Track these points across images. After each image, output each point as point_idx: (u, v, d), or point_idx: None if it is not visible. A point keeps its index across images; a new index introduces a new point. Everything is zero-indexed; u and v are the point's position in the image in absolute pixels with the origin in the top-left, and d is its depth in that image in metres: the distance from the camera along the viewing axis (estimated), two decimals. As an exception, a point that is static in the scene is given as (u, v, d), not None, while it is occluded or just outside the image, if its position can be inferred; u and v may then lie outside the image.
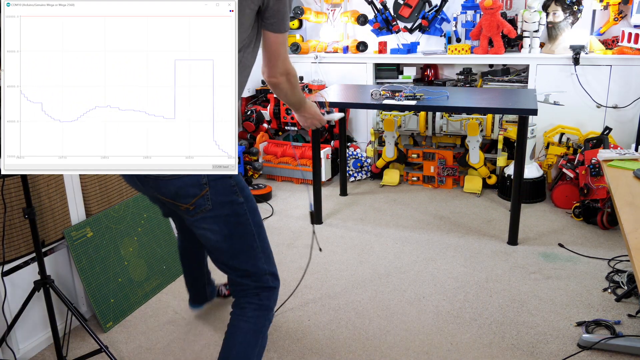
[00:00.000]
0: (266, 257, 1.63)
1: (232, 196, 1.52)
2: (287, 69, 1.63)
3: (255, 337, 1.62)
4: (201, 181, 1.45)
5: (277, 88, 1.69)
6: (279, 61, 1.59)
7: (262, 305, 1.64)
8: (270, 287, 1.65)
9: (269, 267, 1.65)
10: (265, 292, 1.65)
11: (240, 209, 1.54)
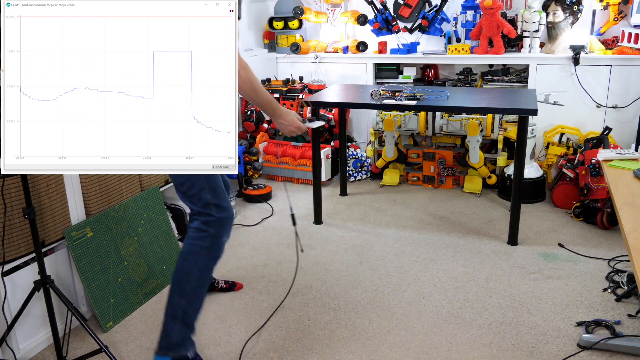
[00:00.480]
0: (211, 190, 1.86)
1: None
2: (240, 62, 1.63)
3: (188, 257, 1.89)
4: None
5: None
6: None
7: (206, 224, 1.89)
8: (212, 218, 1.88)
9: (213, 199, 1.87)
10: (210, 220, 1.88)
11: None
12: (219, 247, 1.92)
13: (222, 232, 1.91)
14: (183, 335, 1.88)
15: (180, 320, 1.86)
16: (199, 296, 1.91)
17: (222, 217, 1.90)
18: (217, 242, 1.91)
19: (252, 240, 3.15)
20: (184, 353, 1.89)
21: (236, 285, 2.61)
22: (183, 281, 1.89)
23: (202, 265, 1.89)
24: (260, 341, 2.21)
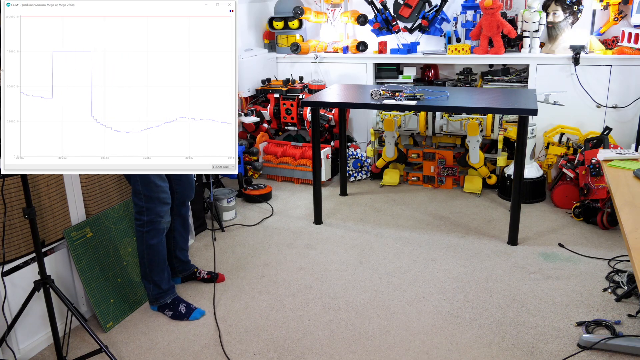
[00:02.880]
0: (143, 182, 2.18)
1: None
2: None
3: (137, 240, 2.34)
4: None
5: None
6: None
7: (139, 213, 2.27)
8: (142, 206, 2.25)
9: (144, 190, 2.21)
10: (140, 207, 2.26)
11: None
12: (158, 227, 2.29)
13: (155, 217, 2.26)
14: (156, 291, 2.39)
15: (150, 281, 2.38)
16: (156, 265, 2.35)
17: (150, 206, 2.24)
18: (155, 225, 2.28)
19: (252, 240, 3.15)
20: (165, 301, 2.40)
21: (218, 276, 2.69)
22: (140, 254, 2.36)
23: (147, 245, 2.31)
24: (260, 341, 2.21)
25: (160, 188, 2.24)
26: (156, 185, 2.22)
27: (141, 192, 2.21)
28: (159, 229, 2.30)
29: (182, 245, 2.64)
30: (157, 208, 2.26)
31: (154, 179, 2.19)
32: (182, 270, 2.67)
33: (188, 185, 2.53)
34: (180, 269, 2.66)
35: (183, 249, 2.64)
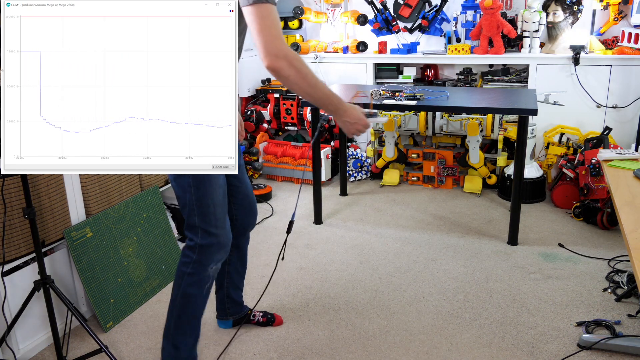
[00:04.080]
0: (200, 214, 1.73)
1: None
2: (280, 51, 1.42)
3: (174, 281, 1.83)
4: None
5: (282, 77, 1.47)
6: (263, 40, 1.40)
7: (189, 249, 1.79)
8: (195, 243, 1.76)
9: (201, 224, 1.74)
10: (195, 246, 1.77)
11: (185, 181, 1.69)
12: (203, 276, 1.78)
13: (206, 259, 1.77)
14: (172, 355, 1.86)
15: (171, 342, 1.85)
16: (185, 323, 1.83)
17: (205, 244, 1.75)
18: (201, 271, 1.77)
19: (252, 240, 3.15)
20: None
21: (275, 319, 2.31)
22: (171, 303, 1.84)
23: (184, 292, 1.79)
24: (260, 341, 2.21)
25: (221, 222, 1.76)
26: (216, 218, 1.73)
27: (197, 226, 1.73)
28: (205, 276, 1.80)
29: (238, 283, 2.20)
30: (214, 251, 1.77)
31: (214, 209, 1.72)
32: (234, 313, 2.25)
33: (250, 211, 2.07)
34: (233, 311, 2.24)
35: (238, 287, 2.21)
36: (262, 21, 1.39)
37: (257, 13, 1.39)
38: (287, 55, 1.44)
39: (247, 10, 1.40)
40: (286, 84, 1.50)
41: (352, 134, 1.74)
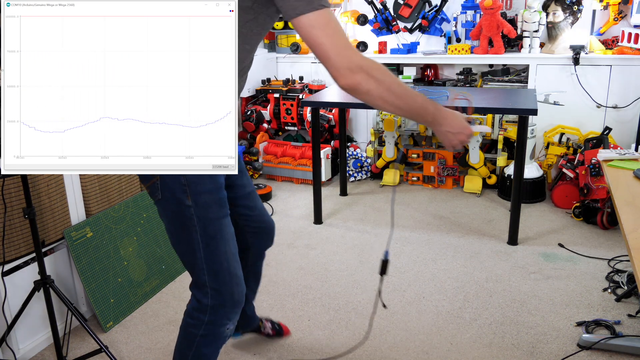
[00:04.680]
0: (210, 272, 1.45)
1: (179, 195, 1.38)
2: (352, 62, 1.17)
3: (183, 338, 1.55)
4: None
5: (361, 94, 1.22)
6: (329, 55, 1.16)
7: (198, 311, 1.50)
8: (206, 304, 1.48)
9: (211, 282, 1.46)
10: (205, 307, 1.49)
11: (186, 211, 1.39)
12: (218, 335, 1.55)
13: (220, 320, 1.52)
14: None
15: None
16: None
17: (217, 304, 1.49)
18: (216, 331, 1.53)
19: (252, 240, 3.15)
20: None
21: (283, 331, 2.21)
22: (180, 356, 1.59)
23: (198, 353, 1.54)
24: (260, 341, 2.21)
25: (235, 279, 1.50)
26: (230, 275, 1.48)
27: (207, 285, 1.47)
28: (222, 336, 1.56)
29: (250, 299, 2.05)
30: (228, 311, 1.52)
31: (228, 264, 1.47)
32: (246, 326, 2.12)
33: (267, 236, 1.92)
34: (244, 324, 2.10)
35: (250, 302, 2.07)
36: (323, 31, 1.14)
37: (315, 22, 1.13)
38: (363, 66, 1.18)
39: (301, 22, 1.15)
40: (368, 101, 1.25)
41: (455, 146, 1.45)
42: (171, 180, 1.38)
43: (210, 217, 1.42)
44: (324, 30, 1.14)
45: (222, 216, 1.44)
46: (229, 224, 1.48)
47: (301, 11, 1.14)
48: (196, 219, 1.40)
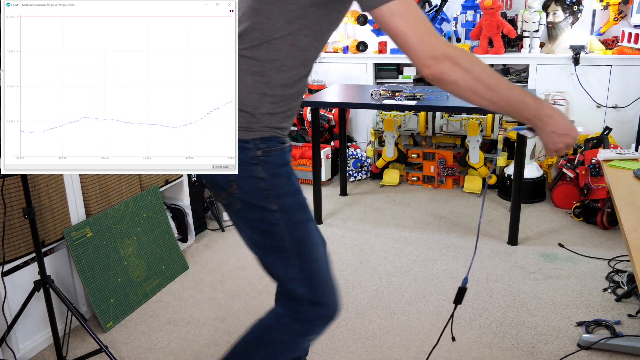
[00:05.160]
0: (306, 281, 1.32)
1: (261, 201, 1.29)
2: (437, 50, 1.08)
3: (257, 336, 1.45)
4: (229, 176, 1.27)
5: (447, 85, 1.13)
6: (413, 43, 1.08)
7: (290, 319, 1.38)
8: (302, 317, 1.36)
9: (308, 294, 1.33)
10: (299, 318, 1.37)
11: (271, 217, 1.30)
12: (299, 345, 1.43)
13: (309, 332, 1.39)
14: None
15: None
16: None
17: (312, 318, 1.37)
18: (300, 341, 1.42)
19: (252, 240, 3.15)
20: None
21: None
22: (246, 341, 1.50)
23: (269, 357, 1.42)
24: (260, 341, 2.21)
25: (332, 287, 1.38)
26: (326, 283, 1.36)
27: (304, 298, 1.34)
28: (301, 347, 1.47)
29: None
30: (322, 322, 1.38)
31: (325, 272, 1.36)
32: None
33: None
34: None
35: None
36: (404, 19, 1.06)
37: (396, 10, 1.06)
38: (448, 54, 1.08)
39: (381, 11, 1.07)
40: (456, 93, 1.15)
41: (560, 150, 1.25)
42: (251, 187, 1.29)
43: (296, 220, 1.33)
44: (405, 19, 1.06)
45: (308, 219, 1.35)
46: (316, 228, 1.38)
47: (382, 0, 1.07)
48: (283, 223, 1.31)
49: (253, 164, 1.28)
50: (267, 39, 1.21)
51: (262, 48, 1.22)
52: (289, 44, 1.21)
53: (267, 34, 1.20)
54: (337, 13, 1.24)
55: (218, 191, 1.36)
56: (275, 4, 1.18)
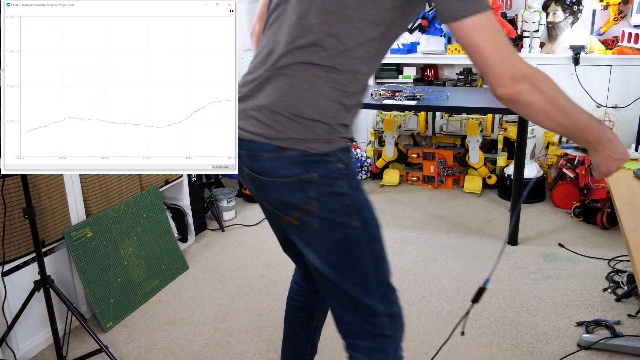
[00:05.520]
0: (382, 296, 1.27)
1: (344, 217, 1.20)
2: (517, 69, 1.04)
3: None
4: (308, 193, 1.16)
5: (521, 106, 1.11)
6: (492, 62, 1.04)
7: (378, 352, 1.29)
8: (385, 334, 1.28)
9: (385, 308, 1.27)
10: (380, 338, 1.29)
11: (354, 234, 1.21)
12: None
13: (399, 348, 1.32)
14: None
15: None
16: None
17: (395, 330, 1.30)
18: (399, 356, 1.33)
19: (252, 240, 3.15)
20: None
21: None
22: None
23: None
24: (260, 341, 2.21)
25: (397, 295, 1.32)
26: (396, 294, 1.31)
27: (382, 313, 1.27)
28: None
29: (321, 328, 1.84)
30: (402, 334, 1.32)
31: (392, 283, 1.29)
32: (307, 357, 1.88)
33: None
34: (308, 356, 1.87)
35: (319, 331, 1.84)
36: (486, 35, 1.02)
37: (479, 25, 1.01)
38: (527, 75, 1.05)
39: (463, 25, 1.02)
40: (528, 114, 1.11)
41: (609, 174, 1.25)
42: (334, 204, 1.18)
43: (375, 235, 1.27)
44: (488, 34, 1.01)
45: (381, 232, 1.30)
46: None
47: (467, 13, 1.01)
48: (365, 240, 1.24)
49: (336, 178, 1.16)
50: (345, 47, 1.12)
51: (340, 56, 1.13)
52: (364, 52, 1.14)
53: (345, 41, 1.12)
54: (408, 18, 1.18)
55: (288, 210, 1.21)
56: (357, 9, 1.10)
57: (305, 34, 1.14)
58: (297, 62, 1.15)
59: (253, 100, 1.23)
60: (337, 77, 1.15)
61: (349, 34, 1.12)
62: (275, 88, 1.18)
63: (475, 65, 1.07)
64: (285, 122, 1.15)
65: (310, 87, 1.14)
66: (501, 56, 1.03)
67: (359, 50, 1.14)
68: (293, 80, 1.16)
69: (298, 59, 1.15)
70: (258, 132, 1.19)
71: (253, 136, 1.20)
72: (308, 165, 1.15)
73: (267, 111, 1.18)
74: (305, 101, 1.14)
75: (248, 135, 1.21)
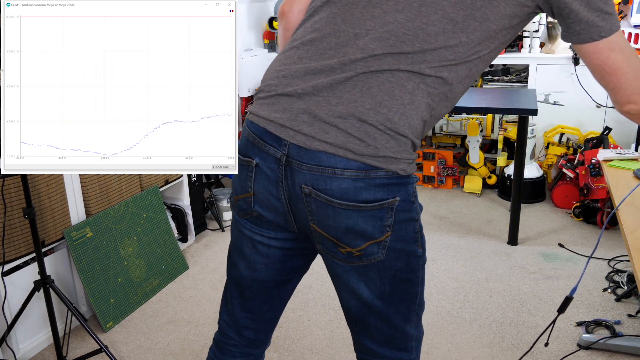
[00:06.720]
0: (417, 320, 1.21)
1: (412, 246, 1.09)
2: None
3: None
4: (385, 222, 1.03)
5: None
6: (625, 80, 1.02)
7: None
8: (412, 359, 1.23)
9: (416, 331, 1.21)
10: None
11: (415, 263, 1.12)
12: None
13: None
14: None
15: None
16: None
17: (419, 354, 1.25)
18: None
19: (252, 240, 3.15)
20: None
21: None
22: None
23: None
24: (260, 341, 2.21)
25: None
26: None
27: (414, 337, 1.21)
28: None
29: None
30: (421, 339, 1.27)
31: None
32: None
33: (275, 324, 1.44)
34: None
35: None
36: (622, 55, 1.00)
37: (615, 45, 0.99)
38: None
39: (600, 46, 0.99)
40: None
41: None
42: (407, 231, 1.07)
43: (425, 259, 1.17)
44: (623, 54, 1.00)
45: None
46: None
47: (606, 34, 0.98)
48: (422, 267, 1.15)
49: (412, 203, 1.05)
50: (456, 61, 1.02)
51: (446, 70, 1.02)
52: (467, 69, 1.05)
53: (458, 55, 1.02)
54: (512, 36, 1.11)
55: (354, 241, 1.06)
56: (482, 23, 1.00)
57: (418, 40, 1.00)
58: (401, 70, 1.00)
59: (325, 102, 1.02)
60: (434, 92, 1.03)
61: (465, 48, 1.02)
62: (367, 94, 1.00)
63: (603, 84, 1.05)
64: (379, 136, 0.98)
65: (411, 100, 1.00)
66: (634, 74, 1.01)
67: (463, 68, 1.04)
68: (394, 89, 1.00)
69: (402, 66, 1.00)
70: (341, 144, 0.99)
71: (333, 149, 0.99)
72: (392, 189, 1.01)
73: (354, 120, 0.98)
74: (403, 114, 0.99)
75: (323, 147, 1.00)
